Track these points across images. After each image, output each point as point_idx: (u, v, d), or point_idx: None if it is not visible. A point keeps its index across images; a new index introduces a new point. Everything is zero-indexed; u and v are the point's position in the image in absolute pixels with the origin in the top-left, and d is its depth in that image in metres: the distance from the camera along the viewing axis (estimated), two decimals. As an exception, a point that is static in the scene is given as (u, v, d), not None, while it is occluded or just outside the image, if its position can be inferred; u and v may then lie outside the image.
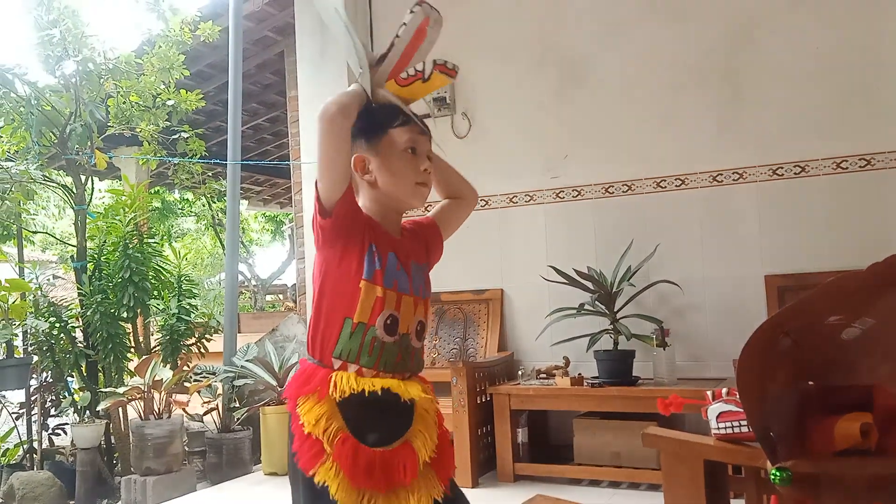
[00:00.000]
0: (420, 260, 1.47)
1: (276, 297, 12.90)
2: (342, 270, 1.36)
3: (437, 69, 1.41)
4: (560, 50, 3.89)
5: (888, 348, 1.31)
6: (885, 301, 1.26)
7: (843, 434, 1.28)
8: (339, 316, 1.35)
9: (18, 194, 4.07)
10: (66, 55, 4.21)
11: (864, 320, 1.29)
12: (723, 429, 1.44)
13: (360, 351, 1.35)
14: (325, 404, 1.32)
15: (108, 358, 4.08)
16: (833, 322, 1.29)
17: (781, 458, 1.26)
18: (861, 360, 1.33)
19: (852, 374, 1.34)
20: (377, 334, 1.35)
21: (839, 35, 3.33)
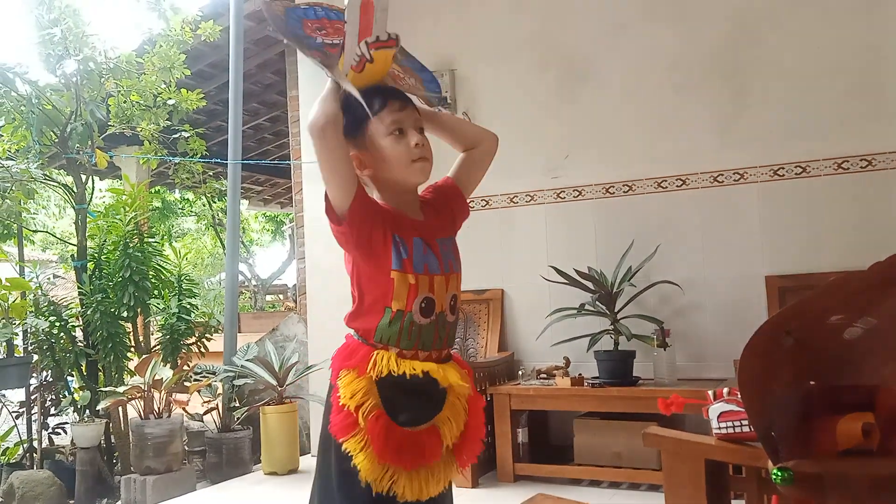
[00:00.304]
0: (446, 233, 1.49)
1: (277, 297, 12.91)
2: (372, 265, 1.39)
3: (371, 48, 1.38)
4: (561, 50, 3.88)
5: (891, 348, 1.31)
6: (887, 300, 1.25)
7: (846, 434, 1.27)
8: (378, 306, 1.39)
9: (19, 193, 4.07)
10: (67, 54, 4.21)
11: (866, 320, 1.28)
12: (724, 428, 1.44)
13: (399, 336, 1.39)
14: (364, 380, 1.36)
15: (108, 357, 4.08)
16: (835, 321, 1.28)
17: (783, 457, 1.26)
18: (864, 360, 1.32)
19: (855, 373, 1.34)
20: (414, 319, 1.39)
21: (840, 35, 3.32)
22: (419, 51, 4.76)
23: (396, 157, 1.41)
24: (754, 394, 1.24)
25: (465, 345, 3.94)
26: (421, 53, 4.67)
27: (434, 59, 4.14)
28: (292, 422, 3.86)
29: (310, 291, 4.32)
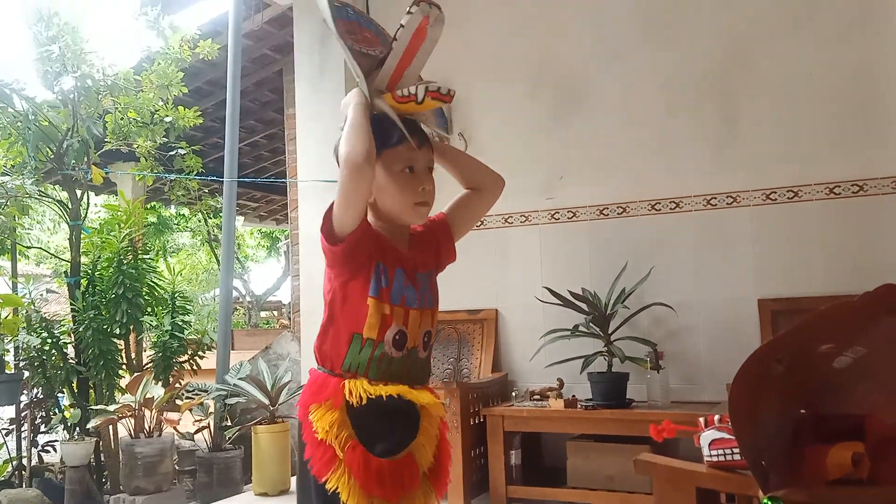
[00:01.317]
0: (428, 267, 1.48)
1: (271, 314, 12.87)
2: (351, 288, 1.39)
3: (429, 95, 1.38)
4: (557, 72, 3.92)
5: (880, 377, 1.32)
6: (876, 330, 1.26)
7: (836, 463, 1.28)
8: (347, 331, 1.39)
9: (13, 209, 4.07)
10: (64, 71, 4.23)
11: (855, 349, 1.29)
12: (715, 456, 1.44)
13: (368, 365, 1.38)
14: (338, 412, 1.35)
15: (100, 374, 4.06)
16: (825, 350, 1.29)
17: (773, 486, 1.26)
18: (853, 389, 1.33)
19: (845, 402, 1.34)
20: (385, 350, 1.38)
21: (833, 60, 3.36)
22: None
23: (401, 195, 1.40)
24: (744, 422, 1.25)
25: (458, 365, 3.93)
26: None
27: (430, 78, 4.16)
28: (284, 441, 3.84)
29: (304, 309, 4.31)
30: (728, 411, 1.24)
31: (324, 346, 1.43)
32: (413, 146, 1.41)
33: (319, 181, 4.21)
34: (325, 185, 4.20)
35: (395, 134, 1.39)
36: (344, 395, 1.35)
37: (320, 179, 4.21)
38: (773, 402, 1.28)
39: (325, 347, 1.42)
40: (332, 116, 4.21)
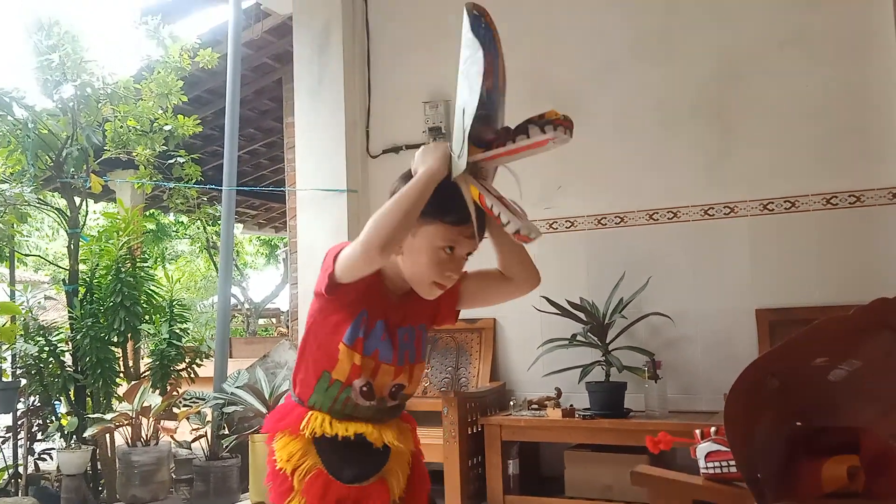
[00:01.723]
0: (419, 321, 1.43)
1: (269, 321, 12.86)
2: (329, 326, 1.35)
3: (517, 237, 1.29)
4: (553, 85, 3.93)
5: (874, 390, 1.32)
6: (871, 343, 1.27)
7: (831, 476, 1.28)
8: (319, 367, 1.36)
9: (12, 217, 4.07)
10: (64, 80, 4.24)
11: (850, 362, 1.30)
12: (711, 468, 1.44)
13: (332, 405, 1.37)
14: (300, 441, 1.35)
15: (97, 383, 4.05)
16: (820, 364, 1.30)
17: (769, 500, 1.26)
18: (848, 402, 1.34)
19: (839, 415, 1.35)
20: (351, 395, 1.36)
21: (828, 74, 3.38)
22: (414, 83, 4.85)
23: (428, 270, 1.33)
24: (740, 436, 1.25)
25: (456, 374, 3.93)
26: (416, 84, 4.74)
27: (428, 90, 4.19)
28: (281, 450, 3.83)
29: (302, 319, 4.31)
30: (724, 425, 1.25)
31: (298, 376, 1.41)
32: (469, 232, 1.34)
33: (318, 190, 4.23)
34: (323, 195, 4.21)
35: (458, 213, 1.31)
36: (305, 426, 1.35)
37: (318, 188, 4.23)
38: (769, 416, 1.28)
39: (299, 377, 1.40)
40: (331, 126, 4.25)
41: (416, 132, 4.19)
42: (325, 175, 4.23)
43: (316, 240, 4.22)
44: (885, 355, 1.27)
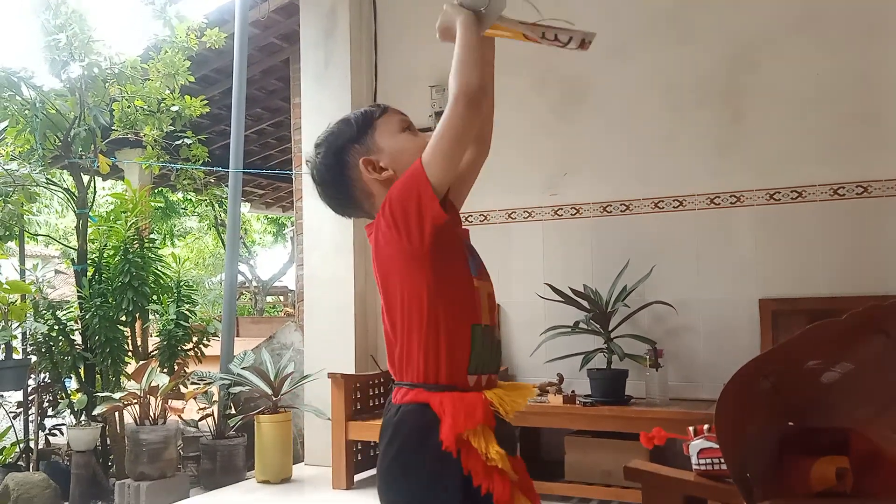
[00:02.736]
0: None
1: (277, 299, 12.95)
2: (454, 271, 1.20)
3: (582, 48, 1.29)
4: (561, 69, 3.91)
5: (866, 392, 1.34)
6: (863, 347, 1.28)
7: (820, 477, 1.30)
8: (465, 327, 1.17)
9: (21, 197, 4.10)
10: (72, 59, 4.25)
11: (843, 364, 1.31)
12: (703, 465, 1.46)
13: (489, 358, 1.21)
14: (488, 429, 1.16)
15: (106, 361, 4.11)
16: (813, 366, 1.31)
17: (758, 498, 1.29)
18: (840, 403, 1.35)
19: (831, 416, 1.36)
20: (495, 333, 1.24)
21: (839, 61, 3.34)
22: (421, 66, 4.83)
23: (416, 149, 1.21)
24: (731, 436, 1.27)
25: (459, 358, 3.96)
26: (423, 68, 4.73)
27: (435, 74, 4.17)
28: (286, 431, 3.89)
29: (307, 300, 4.35)
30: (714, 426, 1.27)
31: (429, 359, 1.16)
32: (397, 111, 1.34)
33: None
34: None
35: (377, 106, 1.34)
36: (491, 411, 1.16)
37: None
38: (760, 417, 1.30)
39: (431, 358, 1.16)
40: (337, 110, 4.24)
41: (422, 116, 4.18)
42: (332, 158, 4.24)
43: (322, 224, 4.24)
44: (878, 358, 1.28)
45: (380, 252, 1.20)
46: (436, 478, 1.14)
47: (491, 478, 1.14)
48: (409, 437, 1.16)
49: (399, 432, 1.17)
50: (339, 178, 1.30)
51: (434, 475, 1.14)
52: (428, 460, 1.14)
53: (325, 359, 4.01)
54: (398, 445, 1.17)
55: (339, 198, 1.34)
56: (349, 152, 1.29)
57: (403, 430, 1.17)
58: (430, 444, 1.13)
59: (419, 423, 1.16)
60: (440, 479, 1.14)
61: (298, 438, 4.42)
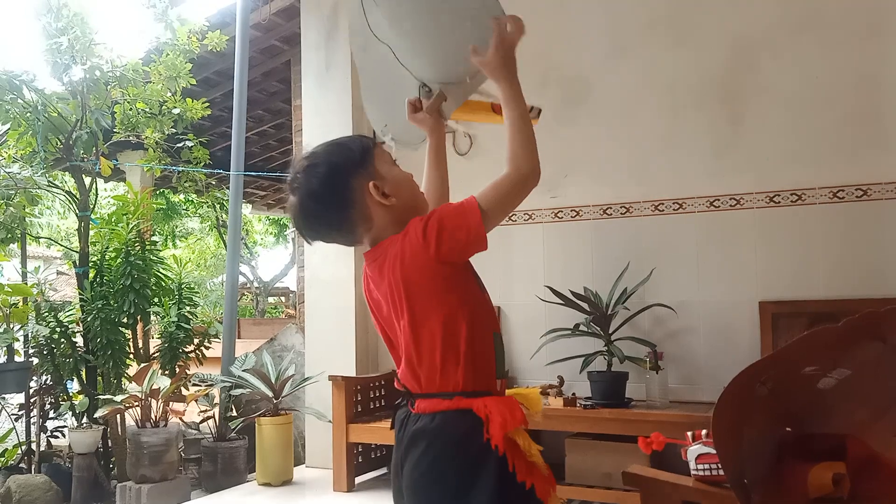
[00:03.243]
0: None
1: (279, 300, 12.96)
2: (473, 290, 1.32)
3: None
4: (562, 70, 3.92)
5: (863, 397, 1.34)
6: (860, 353, 1.28)
7: (817, 482, 1.31)
8: (490, 336, 1.28)
9: (23, 199, 4.12)
10: (73, 62, 4.26)
11: (840, 371, 1.31)
12: (701, 470, 1.47)
13: (504, 363, 1.32)
14: (524, 429, 1.24)
15: (108, 364, 4.13)
16: (810, 372, 1.31)
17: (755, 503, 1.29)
18: (837, 409, 1.36)
19: (828, 422, 1.37)
20: (502, 341, 1.35)
21: (839, 63, 3.34)
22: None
23: (412, 184, 1.35)
24: (728, 442, 1.27)
25: (460, 360, 3.96)
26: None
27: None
28: (287, 433, 3.90)
29: (308, 302, 4.36)
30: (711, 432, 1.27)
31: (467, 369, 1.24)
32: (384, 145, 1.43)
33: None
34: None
35: (370, 138, 1.40)
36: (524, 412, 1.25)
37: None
38: (757, 423, 1.31)
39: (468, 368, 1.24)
40: (338, 112, 4.25)
41: (423, 118, 4.19)
42: (332, 161, 4.24)
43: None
44: (875, 365, 1.28)
45: (407, 277, 1.25)
46: (478, 477, 1.20)
47: (533, 474, 1.21)
48: (450, 440, 1.22)
49: (438, 438, 1.23)
50: (334, 196, 1.31)
51: (476, 475, 1.20)
52: (470, 461, 1.20)
53: (326, 361, 4.02)
54: (439, 449, 1.23)
55: (325, 215, 1.34)
56: (352, 174, 1.31)
57: (444, 435, 1.23)
58: (475, 445, 1.19)
59: (462, 426, 1.22)
60: (481, 478, 1.19)
61: (300, 441, 4.42)
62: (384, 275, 1.27)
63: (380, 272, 1.29)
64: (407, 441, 1.26)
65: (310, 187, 1.32)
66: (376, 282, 1.31)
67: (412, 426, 1.26)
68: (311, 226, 1.36)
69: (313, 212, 1.34)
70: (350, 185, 1.30)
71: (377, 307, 1.35)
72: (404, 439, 1.27)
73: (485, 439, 1.19)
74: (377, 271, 1.30)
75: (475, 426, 1.20)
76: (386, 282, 1.28)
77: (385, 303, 1.30)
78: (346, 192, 1.30)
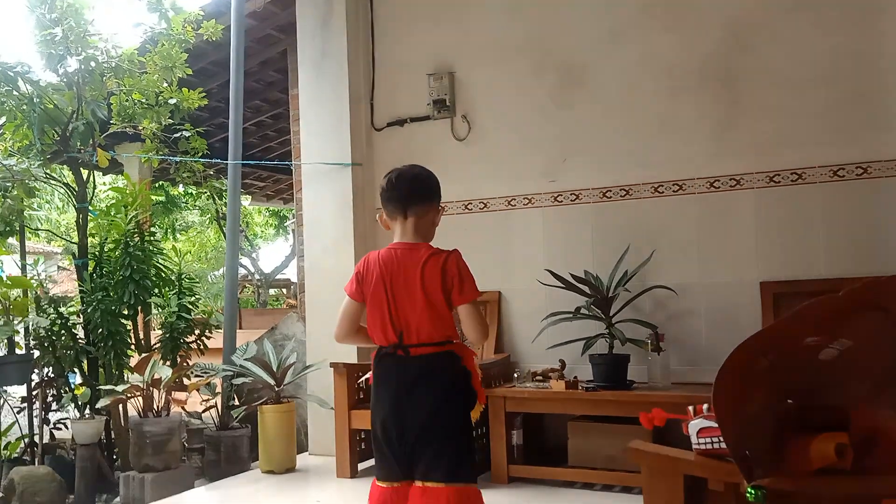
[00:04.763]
0: None
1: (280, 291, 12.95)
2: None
3: None
4: (559, 55, 3.89)
5: (865, 369, 1.33)
6: (861, 323, 1.28)
7: (819, 453, 1.30)
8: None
9: (20, 192, 4.10)
10: (68, 53, 4.24)
11: (841, 341, 1.30)
12: (703, 444, 1.46)
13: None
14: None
15: (109, 355, 4.13)
16: (811, 343, 1.31)
17: (757, 476, 1.29)
18: (839, 381, 1.35)
19: (831, 394, 1.36)
20: None
21: (837, 42, 3.32)
22: (418, 55, 4.80)
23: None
24: (729, 414, 1.27)
25: (461, 346, 3.96)
26: (420, 57, 4.71)
27: (433, 62, 4.16)
28: (290, 421, 3.90)
29: (309, 291, 4.35)
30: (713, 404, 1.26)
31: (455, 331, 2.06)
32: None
33: (322, 164, 4.23)
34: (329, 168, 4.21)
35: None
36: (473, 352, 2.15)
37: (323, 162, 4.23)
38: (758, 395, 1.30)
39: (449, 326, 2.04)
40: (335, 100, 4.23)
41: (420, 105, 4.17)
42: (330, 149, 4.23)
43: (322, 213, 4.24)
44: (875, 335, 1.27)
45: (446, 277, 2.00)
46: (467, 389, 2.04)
47: (479, 385, 2.07)
48: (457, 368, 2.03)
49: (451, 365, 2.02)
50: (427, 188, 2.12)
51: (466, 388, 2.03)
52: (462, 379, 2.03)
53: (328, 349, 4.01)
54: (451, 373, 2.02)
55: (426, 194, 2.11)
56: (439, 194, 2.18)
57: (454, 363, 2.03)
58: (463, 369, 2.04)
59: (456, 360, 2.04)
60: (467, 390, 2.04)
61: (302, 429, 4.43)
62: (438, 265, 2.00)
63: (435, 261, 2.00)
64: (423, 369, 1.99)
65: (431, 177, 2.14)
66: (415, 263, 2.00)
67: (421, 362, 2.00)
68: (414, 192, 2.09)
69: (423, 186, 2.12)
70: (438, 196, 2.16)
71: (392, 276, 2.01)
72: (412, 370, 1.99)
73: (462, 364, 2.05)
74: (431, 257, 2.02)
75: (458, 359, 2.05)
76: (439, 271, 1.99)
77: (420, 279, 1.98)
78: (436, 199, 2.15)
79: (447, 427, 1.95)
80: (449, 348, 2.00)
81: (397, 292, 1.98)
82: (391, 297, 1.98)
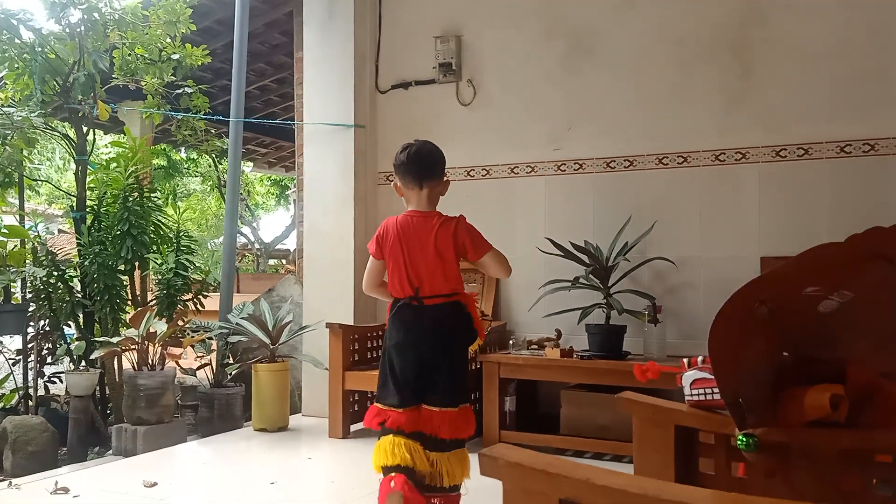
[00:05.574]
0: None
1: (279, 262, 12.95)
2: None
3: None
4: (568, 21, 3.84)
5: (866, 322, 1.31)
6: (863, 274, 1.25)
7: (814, 404, 1.28)
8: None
9: (20, 141, 4.07)
10: (71, 3, 4.18)
11: (842, 293, 1.28)
12: (695, 395, 1.45)
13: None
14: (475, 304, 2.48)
15: (105, 309, 4.12)
16: (811, 293, 1.28)
17: (750, 425, 1.27)
18: (838, 334, 1.32)
19: (829, 346, 1.33)
20: None
21: (851, 16, 3.27)
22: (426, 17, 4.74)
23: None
24: (724, 361, 1.25)
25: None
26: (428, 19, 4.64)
27: (440, 25, 4.10)
28: (284, 380, 3.90)
29: (307, 253, 4.33)
30: (707, 350, 1.24)
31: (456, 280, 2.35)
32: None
33: (325, 124, 4.19)
34: (331, 129, 4.17)
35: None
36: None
37: (326, 123, 4.19)
38: (756, 344, 1.28)
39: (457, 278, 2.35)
40: (340, 60, 4.18)
41: (426, 68, 4.12)
42: (333, 110, 4.19)
43: (322, 173, 4.20)
44: (878, 286, 1.25)
45: (457, 241, 2.30)
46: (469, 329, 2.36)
47: (481, 325, 2.40)
48: (463, 314, 2.34)
49: (457, 312, 2.33)
50: (439, 163, 2.37)
51: (468, 328, 2.36)
52: (466, 321, 2.35)
53: (324, 311, 4.01)
54: (457, 318, 2.32)
55: (433, 166, 2.35)
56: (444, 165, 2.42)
57: (460, 310, 2.33)
58: (467, 315, 2.35)
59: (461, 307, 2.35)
60: (469, 330, 2.36)
61: (296, 391, 4.44)
62: (449, 231, 2.29)
63: (446, 228, 2.29)
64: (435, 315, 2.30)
65: (436, 149, 2.38)
66: (429, 229, 2.30)
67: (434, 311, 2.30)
68: (421, 164, 2.33)
69: (430, 158, 2.36)
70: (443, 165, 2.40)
71: (409, 240, 2.31)
72: (426, 317, 2.30)
73: (467, 311, 2.36)
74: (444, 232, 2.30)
75: (464, 305, 2.36)
76: (451, 236, 2.29)
77: (433, 243, 2.28)
78: (442, 168, 2.39)
79: (454, 363, 2.30)
80: (455, 298, 2.32)
81: (413, 253, 2.29)
82: (407, 256, 2.29)
